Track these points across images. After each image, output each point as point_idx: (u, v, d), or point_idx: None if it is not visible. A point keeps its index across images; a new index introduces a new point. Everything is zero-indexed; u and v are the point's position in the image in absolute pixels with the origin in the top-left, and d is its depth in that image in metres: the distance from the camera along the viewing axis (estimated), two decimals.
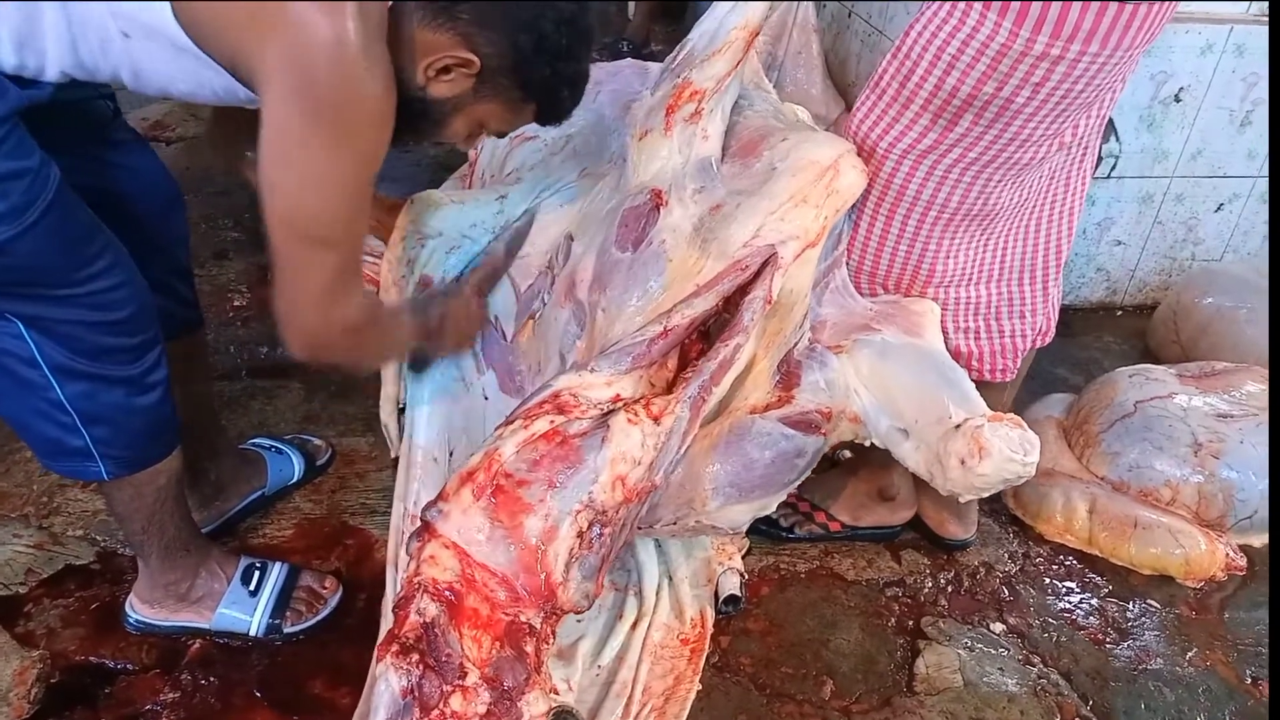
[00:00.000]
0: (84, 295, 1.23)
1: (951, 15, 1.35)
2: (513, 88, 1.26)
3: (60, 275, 1.21)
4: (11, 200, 1.11)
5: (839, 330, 1.56)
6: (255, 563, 1.63)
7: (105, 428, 1.34)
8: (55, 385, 1.28)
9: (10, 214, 1.11)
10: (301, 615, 1.61)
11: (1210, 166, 2.63)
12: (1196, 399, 2.02)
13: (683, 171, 1.47)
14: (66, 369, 1.27)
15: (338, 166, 1.12)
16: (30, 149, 1.13)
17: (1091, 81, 1.34)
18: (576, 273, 1.50)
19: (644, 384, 1.37)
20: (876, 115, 1.49)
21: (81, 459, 1.36)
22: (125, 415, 1.35)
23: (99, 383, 1.31)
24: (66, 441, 1.34)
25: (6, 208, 1.11)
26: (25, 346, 1.25)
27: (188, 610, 1.57)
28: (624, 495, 1.26)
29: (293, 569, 1.65)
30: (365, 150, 1.14)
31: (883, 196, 1.52)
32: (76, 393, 1.29)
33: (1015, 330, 1.68)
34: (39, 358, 1.26)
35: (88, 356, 1.28)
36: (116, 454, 1.37)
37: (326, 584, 1.65)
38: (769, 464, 1.41)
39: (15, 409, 1.33)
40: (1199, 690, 1.66)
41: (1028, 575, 1.88)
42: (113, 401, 1.33)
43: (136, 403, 1.35)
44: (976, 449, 1.29)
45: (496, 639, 1.20)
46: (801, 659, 1.65)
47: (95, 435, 1.34)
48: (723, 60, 1.46)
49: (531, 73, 1.25)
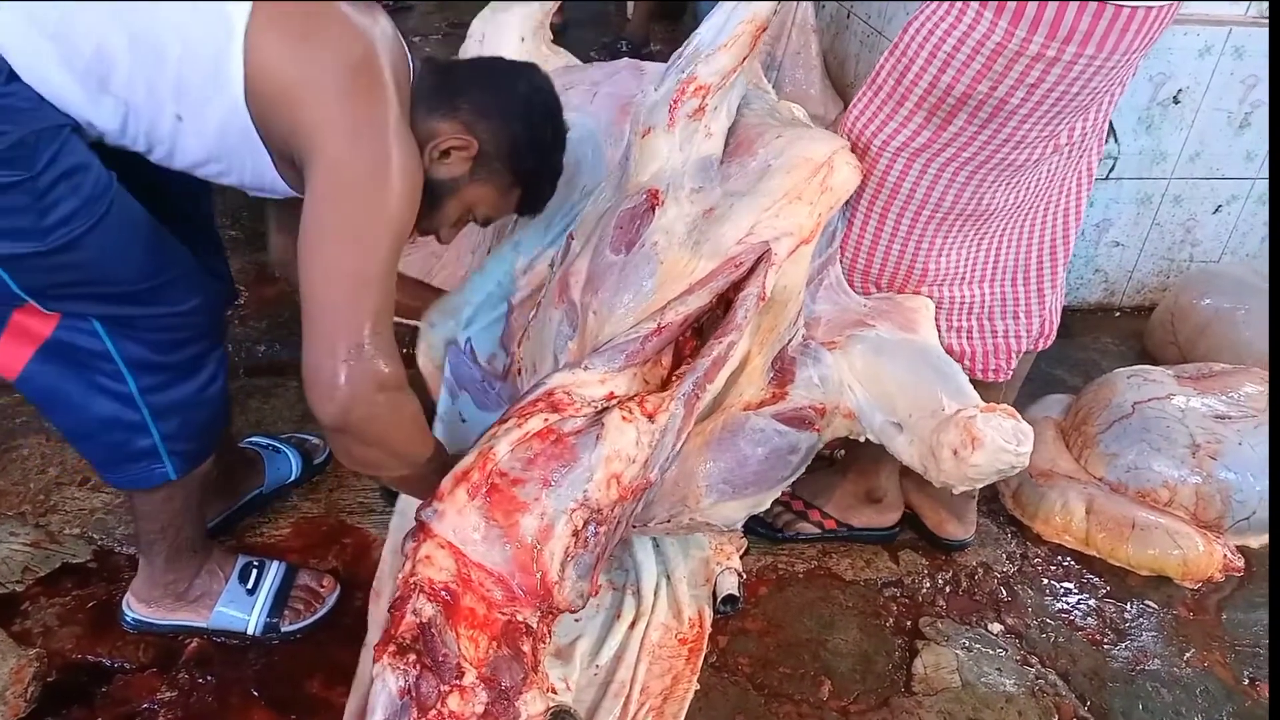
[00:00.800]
0: (154, 288, 1.27)
1: (949, 13, 1.35)
2: (505, 172, 1.41)
3: (132, 270, 1.24)
4: (83, 194, 1.14)
5: (833, 326, 1.56)
6: (253, 561, 1.63)
7: (174, 421, 1.36)
8: (129, 378, 1.30)
9: (84, 208, 1.14)
10: (299, 614, 1.60)
11: (1208, 168, 2.64)
12: (1194, 400, 2.02)
13: (682, 170, 1.47)
14: (142, 362, 1.30)
15: (378, 225, 1.19)
16: (86, 150, 1.16)
17: (1087, 85, 1.34)
18: (571, 274, 1.49)
19: (638, 381, 1.37)
20: (872, 112, 1.49)
21: (147, 461, 1.37)
22: (193, 408, 1.38)
23: (173, 374, 1.34)
24: (133, 443, 1.35)
25: (79, 202, 1.14)
26: (99, 342, 1.27)
27: (185, 609, 1.57)
28: (619, 493, 1.26)
29: (290, 568, 1.65)
30: (402, 214, 1.22)
31: (876, 194, 1.52)
32: (150, 385, 1.32)
33: (1009, 330, 1.68)
34: (114, 351, 1.28)
35: (164, 350, 1.32)
36: (183, 449, 1.40)
37: (324, 583, 1.65)
38: (763, 460, 1.41)
39: (79, 415, 1.33)
40: (1196, 691, 1.66)
41: (1026, 576, 1.88)
42: (184, 394, 1.36)
43: (205, 394, 1.39)
44: (969, 439, 1.29)
45: (493, 638, 1.20)
46: (799, 659, 1.65)
47: (164, 430, 1.36)
48: (729, 55, 1.45)
49: (521, 160, 1.41)
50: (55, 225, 1.13)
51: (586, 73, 1.90)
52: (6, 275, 1.16)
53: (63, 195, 1.12)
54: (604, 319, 1.42)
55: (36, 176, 1.09)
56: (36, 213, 1.11)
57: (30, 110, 1.10)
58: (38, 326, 1.25)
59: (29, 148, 1.08)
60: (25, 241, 1.13)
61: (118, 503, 1.83)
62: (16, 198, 1.10)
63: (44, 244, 1.13)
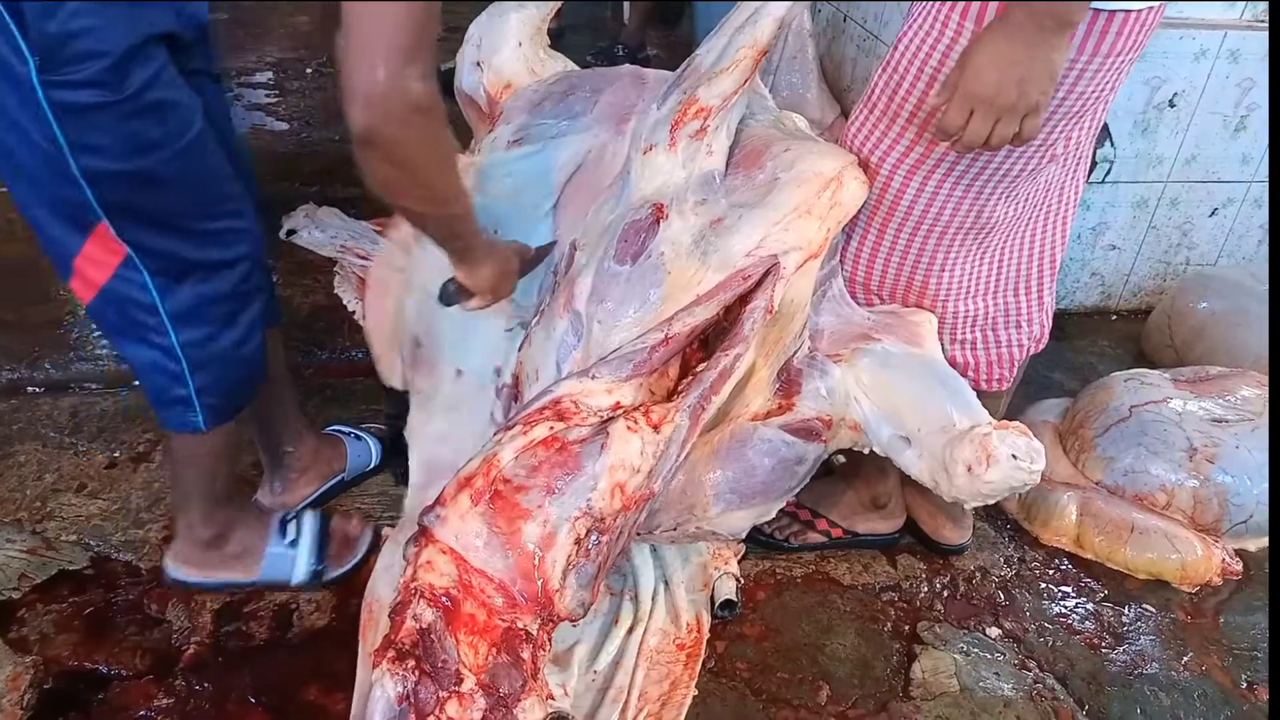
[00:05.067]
0: (216, 232, 1.34)
1: (935, 27, 1.36)
2: None
3: (200, 207, 1.31)
4: (168, 125, 1.21)
5: (837, 339, 1.56)
6: (288, 515, 1.70)
7: (209, 375, 1.42)
8: (171, 331, 1.37)
9: (166, 137, 1.22)
10: (342, 559, 1.69)
11: (1204, 171, 2.64)
12: (1191, 403, 2.02)
13: (685, 185, 1.47)
14: (185, 314, 1.36)
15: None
16: (181, 85, 1.24)
17: (1073, 89, 1.33)
18: (576, 284, 1.49)
19: (644, 392, 1.37)
20: (869, 128, 1.50)
21: (182, 408, 1.44)
22: (229, 364, 1.43)
23: (212, 328, 1.40)
24: (171, 390, 1.42)
25: (163, 132, 1.21)
26: (148, 295, 1.33)
27: (229, 567, 1.64)
28: (622, 503, 1.26)
29: (323, 515, 1.72)
30: None
31: (875, 209, 1.52)
32: (190, 340, 1.38)
33: (1012, 340, 1.68)
34: (160, 304, 1.34)
35: (206, 301, 1.37)
36: (214, 402, 1.45)
37: (355, 524, 1.71)
38: (770, 471, 1.42)
39: (135, 351, 1.41)
40: (1194, 695, 1.66)
41: (1023, 580, 1.88)
42: (221, 348, 1.41)
43: (242, 351, 1.44)
44: (984, 456, 1.30)
45: (493, 645, 1.20)
46: (798, 664, 1.65)
47: (199, 384, 1.42)
48: (730, 78, 1.47)
49: None
50: (138, 149, 1.20)
51: (587, 78, 1.89)
52: (89, 188, 1.22)
53: (149, 123, 1.20)
54: (609, 329, 1.42)
55: (125, 100, 1.16)
56: (123, 134, 1.18)
57: (131, 20, 1.14)
58: (105, 259, 1.30)
59: (122, 72, 1.15)
60: (109, 159, 1.20)
61: (115, 509, 1.83)
62: (106, 118, 1.16)
63: (126, 164, 1.21)
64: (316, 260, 2.67)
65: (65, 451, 1.96)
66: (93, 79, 1.13)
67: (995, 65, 1.22)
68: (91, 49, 1.12)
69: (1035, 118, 1.26)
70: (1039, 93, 1.24)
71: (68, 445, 1.98)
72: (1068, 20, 1.20)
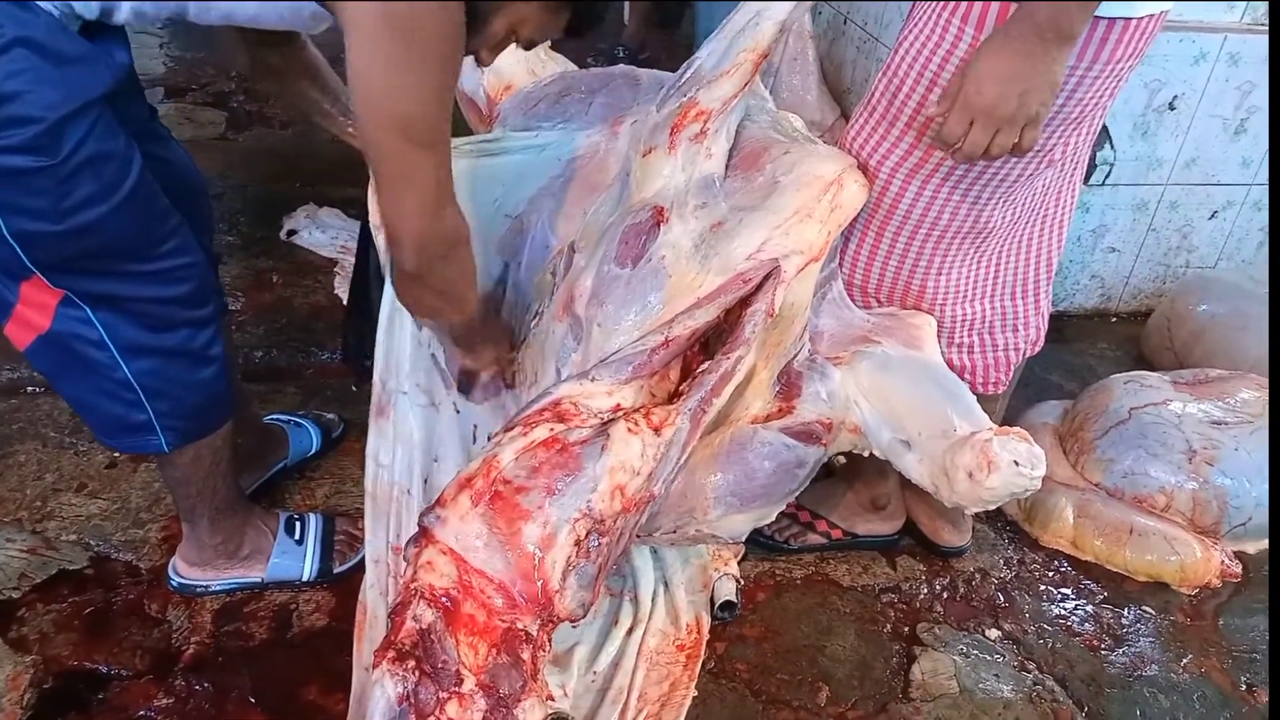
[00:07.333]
0: (156, 271, 1.32)
1: (934, 31, 1.36)
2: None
3: (139, 252, 1.29)
4: (104, 179, 1.19)
5: (837, 342, 1.56)
6: (294, 515, 1.74)
7: (167, 401, 1.41)
8: (122, 364, 1.35)
9: (102, 193, 1.19)
10: (345, 556, 1.72)
11: (1204, 174, 2.64)
12: (1191, 406, 2.03)
13: (685, 189, 1.47)
14: (134, 347, 1.35)
15: (424, 71, 1.14)
16: (116, 132, 1.21)
17: (1072, 96, 1.33)
18: (575, 287, 1.49)
19: (645, 394, 1.37)
20: (868, 133, 1.50)
21: (144, 433, 1.43)
22: (186, 389, 1.42)
23: (164, 358, 1.38)
24: (130, 417, 1.41)
25: (98, 187, 1.19)
26: (94, 330, 1.32)
27: (238, 567, 1.66)
28: (622, 505, 1.26)
29: (327, 517, 1.77)
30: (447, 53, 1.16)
31: (874, 212, 1.52)
32: (142, 369, 1.37)
33: (1009, 344, 1.68)
34: (107, 339, 1.33)
35: (155, 331, 1.36)
36: (177, 425, 1.44)
37: (360, 525, 1.71)
38: (770, 474, 1.42)
39: (80, 390, 1.40)
40: (1194, 697, 1.66)
41: (1023, 581, 1.88)
42: (176, 375, 1.40)
43: (197, 376, 1.43)
44: (985, 462, 1.29)
45: (493, 646, 1.20)
46: (797, 665, 1.65)
47: (158, 409, 1.41)
48: (730, 82, 1.47)
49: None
50: (73, 208, 1.18)
51: (581, 79, 1.90)
52: (20, 250, 1.20)
53: (84, 180, 1.17)
54: (609, 333, 1.42)
55: (61, 163, 1.14)
56: (57, 196, 1.16)
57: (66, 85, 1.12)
58: (43, 301, 1.29)
59: (56, 135, 1.12)
60: (43, 221, 1.17)
61: (115, 509, 1.82)
62: (40, 181, 1.14)
63: (60, 225, 1.18)
64: (316, 260, 2.68)
65: (65, 451, 1.96)
66: (26, 144, 1.10)
67: (996, 77, 1.22)
68: (26, 114, 1.09)
69: (1035, 128, 1.26)
70: (1039, 104, 1.24)
71: (68, 445, 1.98)
72: (1069, 33, 1.20)
